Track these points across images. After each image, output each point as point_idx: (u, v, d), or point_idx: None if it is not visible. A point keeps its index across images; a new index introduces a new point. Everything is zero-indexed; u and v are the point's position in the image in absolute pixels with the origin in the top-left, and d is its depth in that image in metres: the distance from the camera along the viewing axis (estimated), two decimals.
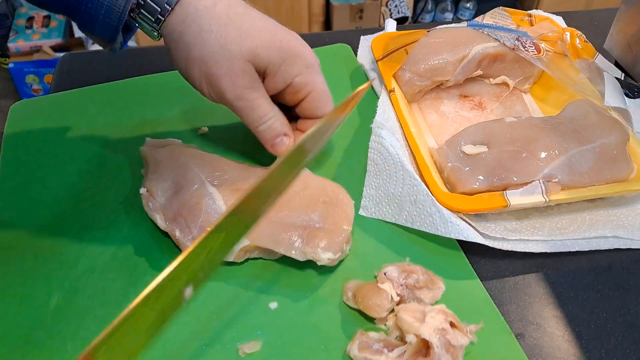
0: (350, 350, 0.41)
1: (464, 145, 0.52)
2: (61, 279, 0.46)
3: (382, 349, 0.40)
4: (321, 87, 0.51)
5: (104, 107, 0.62)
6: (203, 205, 0.47)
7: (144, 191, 0.50)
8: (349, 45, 0.71)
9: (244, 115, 0.50)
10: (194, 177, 0.50)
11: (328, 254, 0.45)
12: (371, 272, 0.47)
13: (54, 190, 0.54)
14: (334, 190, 0.50)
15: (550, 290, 0.48)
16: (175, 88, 0.64)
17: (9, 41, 1.86)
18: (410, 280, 0.44)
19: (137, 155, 0.56)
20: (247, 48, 0.46)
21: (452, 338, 0.39)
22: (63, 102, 0.63)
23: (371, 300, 0.43)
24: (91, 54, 0.76)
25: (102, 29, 0.46)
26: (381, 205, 0.52)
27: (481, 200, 0.48)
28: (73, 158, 0.57)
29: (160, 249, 0.49)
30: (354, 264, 0.48)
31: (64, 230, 0.50)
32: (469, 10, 2.06)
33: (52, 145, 0.58)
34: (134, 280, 0.46)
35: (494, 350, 0.42)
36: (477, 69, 0.61)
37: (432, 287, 0.45)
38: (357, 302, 0.44)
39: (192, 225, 0.47)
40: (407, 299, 0.44)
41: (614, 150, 0.51)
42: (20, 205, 0.52)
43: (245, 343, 0.42)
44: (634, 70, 0.68)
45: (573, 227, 0.51)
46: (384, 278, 0.44)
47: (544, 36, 0.63)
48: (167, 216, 0.48)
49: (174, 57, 0.49)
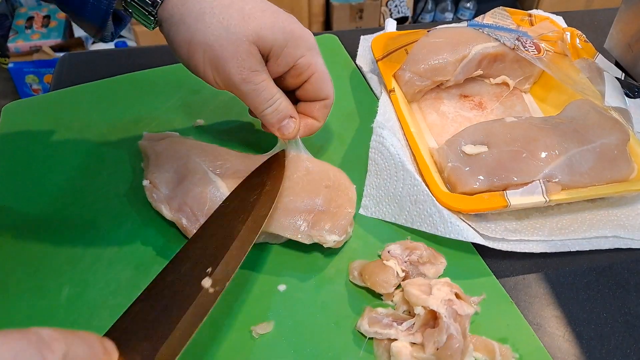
0: (361, 326, 0.43)
1: (464, 145, 0.52)
2: (70, 272, 0.47)
3: (392, 322, 0.42)
4: (323, 68, 0.50)
5: (97, 104, 0.62)
6: (208, 193, 0.48)
7: (147, 183, 0.50)
8: (335, 36, 0.72)
9: (251, 99, 0.48)
10: (195, 167, 0.50)
11: (333, 236, 0.46)
12: (374, 252, 0.49)
13: (54, 187, 0.54)
14: (335, 174, 0.51)
15: (550, 290, 0.48)
16: (169, 82, 0.64)
17: (8, 41, 1.86)
18: (413, 256, 0.46)
19: (135, 149, 0.56)
20: (252, 30, 0.45)
21: (458, 308, 0.40)
22: (56, 100, 0.63)
23: (378, 277, 0.44)
24: (91, 54, 0.76)
25: (92, 13, 0.44)
26: (381, 205, 0.52)
27: (481, 200, 0.48)
28: (70, 155, 0.57)
29: (165, 238, 0.50)
30: (357, 244, 0.50)
31: (68, 225, 0.51)
32: (469, 10, 2.06)
33: (49, 143, 0.58)
34: (143, 270, 0.47)
35: (497, 318, 0.44)
36: (477, 69, 0.61)
37: (435, 262, 0.47)
38: (364, 279, 0.45)
39: (199, 213, 0.47)
40: (411, 275, 0.46)
41: (614, 150, 0.51)
42: (22, 202, 0.53)
43: (257, 325, 0.44)
44: (634, 70, 0.68)
45: (573, 227, 0.51)
46: (389, 255, 0.46)
47: (544, 36, 0.63)
48: (172, 206, 0.49)
49: (174, 42, 0.47)
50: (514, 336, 0.43)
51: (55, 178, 0.55)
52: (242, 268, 0.47)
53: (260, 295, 0.46)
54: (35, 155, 0.57)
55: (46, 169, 0.55)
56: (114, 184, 0.54)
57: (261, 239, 0.49)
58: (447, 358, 0.39)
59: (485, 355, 0.41)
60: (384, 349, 0.42)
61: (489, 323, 0.44)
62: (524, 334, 0.44)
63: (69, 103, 0.63)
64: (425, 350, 0.39)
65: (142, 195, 0.51)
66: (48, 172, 0.55)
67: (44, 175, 0.55)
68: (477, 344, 0.42)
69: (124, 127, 0.60)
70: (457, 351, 0.39)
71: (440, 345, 0.39)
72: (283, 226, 0.47)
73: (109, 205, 0.52)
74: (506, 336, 0.43)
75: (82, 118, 0.61)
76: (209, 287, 0.38)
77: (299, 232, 0.47)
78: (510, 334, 0.43)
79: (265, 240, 0.49)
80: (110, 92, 0.64)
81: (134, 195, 0.53)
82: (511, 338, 0.43)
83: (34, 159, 0.57)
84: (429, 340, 0.40)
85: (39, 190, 0.54)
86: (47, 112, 0.62)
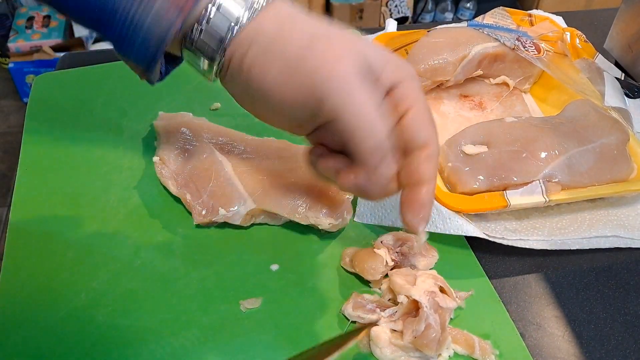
0: (345, 310, 0.44)
1: (464, 145, 0.52)
2: (76, 238, 0.49)
3: (375, 308, 0.43)
4: (424, 103, 0.37)
5: (121, 82, 0.65)
6: (212, 171, 0.50)
7: (156, 159, 0.53)
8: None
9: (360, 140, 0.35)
10: (203, 146, 0.53)
11: (330, 219, 0.47)
12: (369, 241, 0.49)
13: (74, 156, 0.56)
14: None
15: (550, 290, 0.48)
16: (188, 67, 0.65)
17: (9, 41, 1.86)
18: (405, 247, 0.47)
19: (151, 126, 0.59)
20: (357, 49, 0.35)
21: (440, 300, 0.41)
22: (83, 76, 0.66)
23: (367, 264, 0.45)
24: (91, 53, 0.76)
25: (138, 54, 0.38)
26: (376, 210, 0.51)
27: (481, 200, 0.48)
28: (92, 127, 0.60)
29: (171, 212, 0.51)
30: (354, 232, 0.51)
31: (80, 193, 0.53)
32: (469, 10, 2.06)
33: (73, 115, 0.61)
34: (146, 241, 0.49)
35: (482, 315, 0.45)
36: (477, 69, 0.61)
37: (426, 255, 0.47)
38: (354, 265, 0.46)
39: (202, 190, 0.49)
40: (402, 266, 0.46)
41: (614, 150, 0.51)
42: (41, 168, 0.55)
43: (246, 299, 0.45)
44: (634, 70, 0.68)
45: (573, 227, 0.51)
46: (380, 245, 0.47)
47: (544, 36, 0.63)
48: (178, 182, 0.51)
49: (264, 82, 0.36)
50: (497, 333, 0.44)
51: (74, 148, 0.57)
52: (239, 246, 0.49)
53: (253, 272, 0.47)
54: (60, 125, 0.60)
55: (67, 138, 0.58)
56: (129, 157, 0.56)
57: (260, 218, 0.50)
58: (423, 346, 0.40)
59: (464, 349, 0.42)
60: (364, 334, 0.42)
61: (473, 319, 0.45)
62: (507, 332, 0.44)
63: (95, 79, 0.66)
64: (404, 338, 0.41)
65: (153, 170, 0.53)
66: (69, 142, 0.58)
67: (64, 145, 0.58)
68: (457, 337, 0.43)
69: (144, 105, 0.62)
70: (434, 340, 0.40)
71: (418, 334, 0.40)
72: (281, 205, 0.48)
73: (121, 177, 0.54)
74: (489, 333, 0.44)
75: (106, 94, 0.64)
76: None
77: (297, 212, 0.48)
78: (493, 331, 0.44)
79: (264, 220, 0.51)
80: (132, 72, 0.66)
81: (145, 169, 0.55)
82: (494, 335, 0.44)
83: (58, 129, 0.59)
84: (408, 328, 0.41)
85: (59, 159, 0.56)
86: (76, 85, 0.65)
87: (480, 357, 0.42)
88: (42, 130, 0.59)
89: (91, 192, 0.53)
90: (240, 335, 0.43)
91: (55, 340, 0.43)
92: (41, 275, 0.47)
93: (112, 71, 0.67)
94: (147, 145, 0.58)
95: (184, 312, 0.44)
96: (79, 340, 0.43)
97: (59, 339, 0.43)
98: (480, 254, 0.49)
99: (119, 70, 0.66)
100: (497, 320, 0.45)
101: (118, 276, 0.46)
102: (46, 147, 0.57)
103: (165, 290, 0.46)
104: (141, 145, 0.58)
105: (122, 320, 0.44)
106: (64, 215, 0.51)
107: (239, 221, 0.49)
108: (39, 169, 0.55)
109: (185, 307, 0.45)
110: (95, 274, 0.47)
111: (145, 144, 0.58)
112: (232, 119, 0.60)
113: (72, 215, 0.51)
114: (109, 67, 0.67)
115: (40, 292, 0.46)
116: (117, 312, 0.44)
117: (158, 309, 0.45)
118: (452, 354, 0.42)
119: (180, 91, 0.64)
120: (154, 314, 0.44)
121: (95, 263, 0.48)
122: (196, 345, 0.42)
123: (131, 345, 0.42)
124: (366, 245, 0.49)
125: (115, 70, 0.67)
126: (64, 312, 0.44)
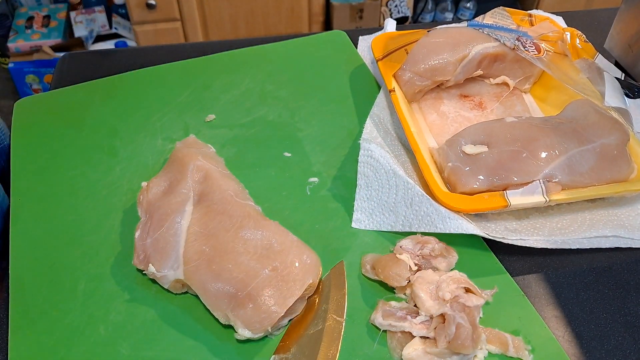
0: (375, 319, 0.43)
1: (464, 145, 0.52)
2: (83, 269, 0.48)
3: (405, 315, 0.43)
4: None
5: (108, 99, 0.63)
6: (170, 219, 0.46)
7: (144, 184, 0.51)
8: (344, 32, 0.72)
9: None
10: (185, 187, 0.48)
11: (246, 331, 0.42)
12: (386, 247, 0.49)
13: (68, 182, 0.54)
14: (294, 260, 0.44)
15: (550, 290, 0.48)
16: (178, 78, 0.65)
17: (9, 41, 1.86)
18: (425, 250, 0.46)
19: (147, 145, 0.57)
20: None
21: (466, 300, 0.41)
22: (67, 96, 0.64)
23: (391, 271, 0.45)
24: (91, 53, 0.76)
25: None
26: (375, 216, 0.51)
27: (481, 200, 0.48)
28: (83, 149, 0.58)
29: None
30: (369, 239, 0.50)
31: (82, 220, 0.51)
32: (469, 10, 2.06)
33: (61, 138, 0.59)
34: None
35: (509, 312, 0.45)
36: (477, 69, 0.61)
37: (447, 255, 0.47)
38: (377, 273, 0.46)
39: (152, 232, 0.46)
40: (424, 268, 0.46)
41: (614, 150, 0.51)
42: (36, 198, 0.53)
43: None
44: (634, 70, 0.68)
45: (573, 227, 0.51)
46: (401, 250, 0.46)
47: (544, 36, 0.63)
48: (144, 212, 0.48)
49: None
50: (526, 329, 0.44)
51: (68, 172, 0.55)
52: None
53: None
54: (49, 150, 0.58)
55: (59, 163, 0.56)
56: (127, 178, 0.55)
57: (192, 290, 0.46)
58: (459, 347, 0.40)
59: (498, 348, 0.42)
60: (397, 342, 0.42)
61: (501, 316, 0.45)
62: (536, 326, 0.44)
63: (80, 98, 0.64)
64: (438, 345, 0.40)
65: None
66: (61, 166, 0.56)
67: (57, 170, 0.56)
68: (490, 336, 0.42)
69: (136, 123, 0.60)
70: (468, 338, 0.39)
71: (451, 338, 0.40)
72: (206, 290, 0.43)
73: (122, 200, 0.53)
74: (518, 329, 0.44)
75: (93, 113, 0.62)
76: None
77: (218, 308, 0.42)
78: (522, 327, 0.44)
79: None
80: (120, 88, 0.65)
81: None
82: (523, 330, 0.44)
83: (48, 154, 0.57)
84: (440, 334, 0.41)
85: (53, 186, 0.54)
86: (59, 107, 0.63)
87: (514, 354, 0.42)
88: (30, 158, 0.57)
89: (93, 218, 0.51)
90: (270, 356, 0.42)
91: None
92: (52, 313, 0.44)
93: (95, 89, 0.64)
94: (144, 165, 0.56)
95: (209, 340, 0.43)
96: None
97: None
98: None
99: (103, 87, 0.64)
100: (524, 316, 0.45)
101: (135, 306, 0.44)
102: (38, 175, 0.55)
103: (187, 317, 0.44)
104: (139, 166, 0.56)
105: (146, 352, 0.42)
106: (68, 245, 0.49)
107: (167, 285, 0.45)
108: (34, 198, 0.53)
109: (211, 332, 0.43)
110: (110, 306, 0.45)
111: (143, 165, 0.56)
112: (229, 130, 0.59)
113: (77, 245, 0.49)
114: (92, 85, 0.65)
115: (54, 332, 0.43)
116: (140, 344, 0.42)
117: (182, 337, 0.43)
118: (487, 354, 0.42)
119: (170, 105, 0.62)
120: (178, 342, 0.42)
121: (109, 294, 0.46)
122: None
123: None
124: (383, 251, 0.48)
125: (100, 87, 0.64)
126: (84, 348, 0.42)
